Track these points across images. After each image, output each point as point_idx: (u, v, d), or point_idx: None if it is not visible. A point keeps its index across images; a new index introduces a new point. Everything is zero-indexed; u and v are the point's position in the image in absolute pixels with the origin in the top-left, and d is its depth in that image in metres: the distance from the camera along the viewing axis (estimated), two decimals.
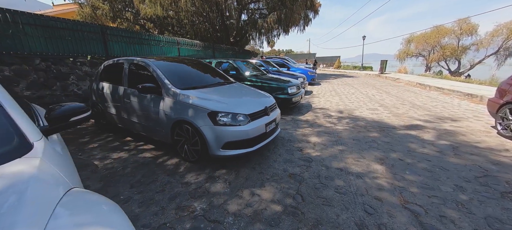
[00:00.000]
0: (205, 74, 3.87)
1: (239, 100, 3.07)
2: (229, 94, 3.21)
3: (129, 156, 3.16)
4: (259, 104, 3.03)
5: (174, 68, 3.51)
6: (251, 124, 2.73)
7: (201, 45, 13.39)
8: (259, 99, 3.28)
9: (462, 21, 26.06)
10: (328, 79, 15.13)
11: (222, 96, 3.03)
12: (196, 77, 3.60)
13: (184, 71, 3.59)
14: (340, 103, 6.80)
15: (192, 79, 3.47)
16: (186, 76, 3.47)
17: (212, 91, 3.16)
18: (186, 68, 3.76)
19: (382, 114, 5.33)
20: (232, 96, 3.16)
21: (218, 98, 2.89)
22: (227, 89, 3.45)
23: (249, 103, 3.01)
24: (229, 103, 2.82)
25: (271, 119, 3.08)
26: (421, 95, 7.98)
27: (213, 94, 3.05)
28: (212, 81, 3.64)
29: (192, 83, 3.26)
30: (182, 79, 3.32)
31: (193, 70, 3.83)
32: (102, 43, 7.44)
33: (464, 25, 26.00)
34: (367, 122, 4.69)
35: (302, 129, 4.26)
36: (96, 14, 16.91)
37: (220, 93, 3.15)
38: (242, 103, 2.96)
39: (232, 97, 3.11)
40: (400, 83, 12.13)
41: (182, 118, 2.74)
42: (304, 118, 5.07)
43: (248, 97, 3.29)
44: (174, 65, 3.63)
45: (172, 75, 3.26)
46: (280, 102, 5.24)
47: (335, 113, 5.50)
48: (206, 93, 3.03)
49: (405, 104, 6.40)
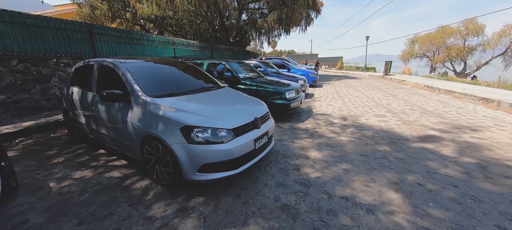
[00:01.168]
0: (189, 78, 3.37)
1: (223, 110, 2.55)
2: (212, 103, 2.70)
3: (93, 175, 2.66)
4: (247, 115, 2.52)
5: (150, 72, 3.01)
6: (236, 141, 2.22)
7: (198, 45, 12.92)
8: (248, 109, 2.76)
9: (469, 21, 25.39)
10: (330, 81, 14.57)
11: (203, 106, 2.52)
12: (177, 82, 3.10)
13: (163, 75, 3.09)
14: (343, 108, 6.26)
15: (172, 84, 2.97)
16: (164, 81, 2.96)
17: (193, 99, 2.65)
18: (167, 71, 3.25)
19: (391, 122, 4.78)
20: (216, 105, 2.64)
21: (197, 109, 2.38)
22: (212, 96, 2.94)
23: (235, 114, 2.49)
24: (210, 115, 2.30)
25: (262, 133, 2.56)
26: (431, 99, 7.40)
27: (192, 103, 2.54)
28: (196, 86, 3.13)
29: (170, 89, 2.75)
30: (159, 85, 2.82)
31: (176, 73, 3.32)
32: (89, 43, 6.98)
33: (470, 25, 25.33)
34: (375, 131, 4.15)
35: (300, 140, 3.74)
36: (95, 14, 16.61)
37: (202, 102, 2.64)
38: (226, 114, 2.44)
39: (216, 107, 2.59)
40: (407, 86, 11.53)
41: (151, 132, 2.23)
42: (303, 126, 4.54)
43: (235, 106, 2.77)
44: (152, 68, 3.13)
45: (147, 80, 2.77)
46: (277, 108, 4.73)
47: (338, 120, 4.96)
48: (185, 101, 2.53)
49: (415, 110, 5.83)
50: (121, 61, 2.93)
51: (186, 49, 11.88)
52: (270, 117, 3.03)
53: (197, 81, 3.34)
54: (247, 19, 18.69)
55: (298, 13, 16.03)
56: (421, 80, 12.53)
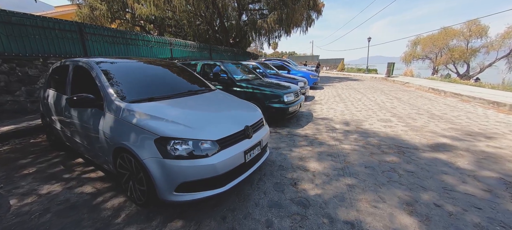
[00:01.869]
0: (177, 80, 3.05)
1: (209, 117, 2.22)
2: (197, 108, 2.38)
3: (62, 190, 2.34)
4: (236, 123, 2.19)
5: (132, 73, 2.70)
6: (221, 154, 1.89)
7: (196, 46, 12.64)
8: (238, 115, 2.44)
9: (472, 22, 25.06)
10: (331, 83, 14.24)
11: (186, 112, 2.19)
12: (162, 85, 2.78)
13: (146, 77, 2.77)
14: (345, 111, 5.92)
15: (155, 87, 2.65)
16: (146, 84, 2.65)
17: (176, 104, 2.33)
18: (151, 72, 2.93)
19: (397, 127, 4.43)
20: (201, 111, 2.32)
21: (178, 116, 2.05)
22: (199, 100, 2.61)
23: (223, 122, 2.16)
24: (192, 123, 1.98)
25: (254, 143, 2.23)
26: (438, 103, 7.05)
27: (174, 108, 2.22)
28: (182, 89, 2.80)
29: (151, 93, 2.43)
30: (139, 88, 2.50)
31: (161, 75, 3.01)
32: (79, 43, 6.69)
33: (473, 27, 25.00)
34: (381, 138, 3.81)
35: (299, 148, 3.40)
36: (94, 15, 16.43)
37: (185, 107, 2.32)
38: (211, 122, 2.12)
39: (201, 113, 2.27)
40: (411, 88, 11.17)
41: (122, 144, 1.91)
42: (303, 132, 4.21)
43: (224, 112, 2.44)
44: (135, 69, 2.81)
45: (125, 82, 2.46)
46: (275, 112, 4.40)
47: (340, 125, 4.63)
48: (165, 107, 2.21)
49: (422, 115, 5.49)
50: (97, 60, 2.62)
51: (184, 50, 11.60)
52: (265, 124, 2.70)
53: (185, 83, 3.02)
54: (246, 19, 18.44)
55: (298, 14, 15.74)
56: (425, 82, 12.16)
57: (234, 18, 18.71)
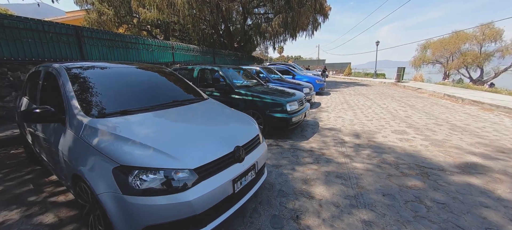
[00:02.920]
0: (163, 89, 2.67)
1: (191, 136, 1.80)
2: (179, 124, 1.97)
3: (20, 219, 1.97)
4: (224, 143, 1.77)
5: (107, 80, 2.33)
6: (201, 187, 1.47)
7: (199, 50, 12.40)
8: (228, 132, 2.02)
9: (485, 26, 24.14)
10: (338, 88, 13.69)
11: (162, 130, 1.79)
12: (143, 94, 2.39)
13: (123, 85, 2.39)
14: (355, 121, 5.42)
15: (133, 97, 2.26)
16: (122, 93, 2.26)
17: (152, 119, 1.93)
18: (134, 79, 2.55)
19: (416, 141, 3.92)
20: (182, 129, 1.90)
21: (151, 135, 1.65)
22: (183, 113, 2.21)
23: (207, 143, 1.74)
24: (166, 145, 1.57)
25: (246, 168, 1.81)
26: (456, 111, 6.45)
27: (149, 125, 1.82)
28: (166, 99, 2.41)
29: (127, 105, 2.04)
30: (112, 98, 2.12)
31: (146, 82, 2.62)
32: (76, 47, 6.48)
33: (487, 30, 24.07)
34: (398, 155, 3.31)
35: (303, 167, 2.95)
36: (102, 20, 16.61)
37: (164, 122, 1.92)
38: (192, 142, 1.70)
39: (180, 131, 1.85)
40: (424, 94, 10.52)
41: (77, 171, 1.52)
42: (307, 145, 3.75)
43: (211, 129, 2.01)
44: (112, 75, 2.44)
45: (97, 92, 2.09)
46: (276, 123, 3.97)
47: (350, 138, 4.14)
48: (138, 123, 1.81)
49: (441, 126, 4.93)
50: (69, 66, 2.27)
51: (186, 54, 11.36)
52: (262, 141, 2.27)
53: (171, 92, 2.64)
54: (251, 23, 18.19)
55: (304, 17, 15.35)
56: (439, 88, 11.47)
57: (239, 22, 18.51)
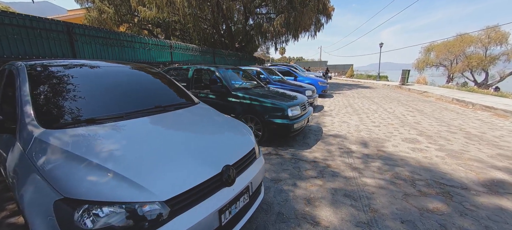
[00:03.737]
0: (146, 92, 2.31)
1: (168, 153, 1.43)
2: (155, 137, 1.60)
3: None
4: (209, 162, 1.42)
5: (76, 82, 1.98)
6: (176, 223, 1.13)
7: (199, 49, 12.08)
8: (216, 146, 1.65)
9: (491, 29, 23.77)
10: (341, 90, 13.31)
11: (134, 145, 1.43)
12: (119, 98, 2.02)
13: (98, 87, 2.03)
14: (361, 126, 5.05)
15: (107, 102, 1.91)
16: (94, 97, 1.91)
17: (124, 131, 1.57)
18: (109, 80, 2.19)
19: (430, 152, 3.55)
20: (159, 143, 1.53)
21: (116, 153, 1.30)
22: (165, 122, 1.85)
23: (187, 163, 1.38)
24: (133, 167, 1.22)
25: (238, 191, 1.47)
26: (469, 118, 6.06)
27: (117, 139, 1.46)
28: (147, 104, 2.04)
29: (97, 111, 1.70)
30: (81, 103, 1.77)
31: (124, 84, 2.25)
32: (68, 44, 6.17)
33: (492, 33, 23.70)
34: (413, 169, 2.95)
35: (306, 182, 2.59)
36: (102, 18, 16.43)
37: (137, 135, 1.55)
38: (168, 163, 1.34)
39: (156, 146, 1.48)
40: (430, 98, 10.13)
41: (17, 199, 1.18)
42: (310, 155, 3.39)
43: (195, 143, 1.63)
44: (83, 76, 2.07)
45: (63, 96, 1.75)
46: (276, 129, 3.61)
47: (357, 146, 3.78)
48: (105, 135, 1.46)
49: (455, 134, 4.55)
50: (32, 63, 1.94)
51: (185, 54, 11.04)
52: (258, 155, 1.92)
53: (155, 96, 2.29)
54: (253, 23, 17.87)
55: (307, 18, 15.00)
56: (446, 92, 11.06)
57: (241, 22, 18.21)
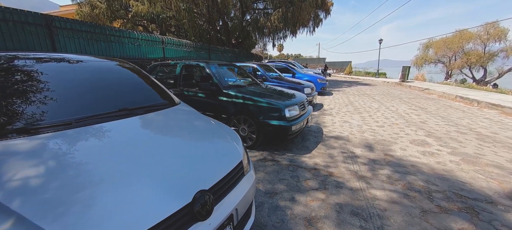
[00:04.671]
0: (111, 90, 1.90)
1: (113, 180, 1.02)
2: (102, 156, 1.19)
3: None
4: (175, 192, 1.02)
5: (20, 77, 1.57)
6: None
7: (193, 45, 11.61)
8: (187, 166, 1.22)
9: (490, 25, 23.58)
10: (340, 88, 12.96)
11: (69, 167, 1.04)
12: (74, 99, 1.61)
13: (45, 85, 1.60)
14: (364, 127, 4.70)
15: (55, 103, 1.50)
16: (41, 97, 1.50)
17: (63, 144, 1.17)
18: (63, 76, 1.75)
19: (443, 156, 3.20)
20: (105, 164, 1.12)
21: (31, 183, 0.90)
22: (126, 130, 1.42)
23: (138, 194, 0.97)
24: (53, 205, 0.83)
25: (217, 225, 1.08)
26: (476, 116, 5.74)
27: (46, 158, 1.06)
28: (111, 106, 1.63)
29: (36, 116, 1.31)
30: (16, 106, 1.37)
31: (84, 82, 1.82)
32: (47, 38, 5.70)
33: (491, 29, 23.53)
34: (427, 177, 2.59)
35: (306, 196, 2.23)
36: (94, 14, 15.86)
37: (78, 153, 1.15)
38: (110, 195, 0.95)
39: (100, 169, 1.07)
40: (432, 95, 9.82)
41: None
42: (310, 161, 3.02)
43: (160, 159, 1.20)
44: (29, 71, 1.67)
45: (7, 96, 1.34)
46: (272, 132, 3.23)
47: (361, 150, 3.42)
48: (33, 151, 1.06)
49: (465, 134, 4.22)
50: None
51: (178, 50, 10.58)
52: (248, 170, 1.54)
53: (123, 96, 1.88)
54: (249, 19, 17.39)
55: (305, 13, 14.57)
56: (448, 89, 10.75)
57: (237, 18, 17.72)
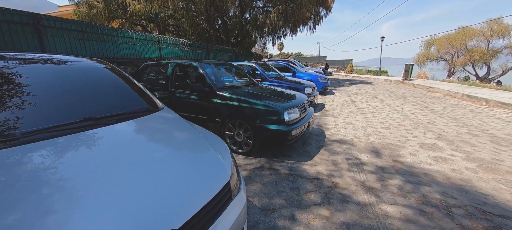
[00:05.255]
0: (75, 95, 1.61)
1: (60, 224, 0.78)
2: (51, 184, 0.92)
3: None
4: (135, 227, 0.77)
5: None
6: None
7: (190, 45, 11.33)
8: (156, 195, 0.95)
9: (494, 22, 23.19)
10: (342, 86, 12.65)
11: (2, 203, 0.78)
12: (30, 106, 1.35)
13: (17, 90, 1.36)
14: (368, 129, 4.42)
15: (5, 112, 1.25)
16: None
17: (4, 168, 0.92)
18: (19, 79, 1.51)
19: (457, 162, 2.92)
20: (54, 197, 0.85)
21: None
22: (86, 145, 1.17)
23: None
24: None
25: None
26: (487, 116, 5.44)
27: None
28: (72, 116, 1.36)
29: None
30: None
31: (43, 84, 1.54)
32: (35, 38, 5.44)
33: (495, 26, 23.12)
34: (443, 189, 2.31)
35: (308, 213, 1.95)
36: (92, 14, 15.67)
37: (21, 180, 0.90)
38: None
39: (47, 205, 0.80)
40: (437, 94, 9.51)
41: None
42: (312, 169, 2.75)
43: (121, 188, 0.94)
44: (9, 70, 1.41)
45: None
46: (270, 137, 2.96)
47: (367, 156, 3.14)
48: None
49: (478, 137, 3.93)
50: None
51: (175, 49, 10.30)
52: (236, 193, 1.27)
53: (93, 102, 1.61)
54: (249, 17, 17.09)
55: (306, 10, 14.24)
56: (454, 87, 10.43)
57: (236, 17, 17.42)
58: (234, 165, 1.42)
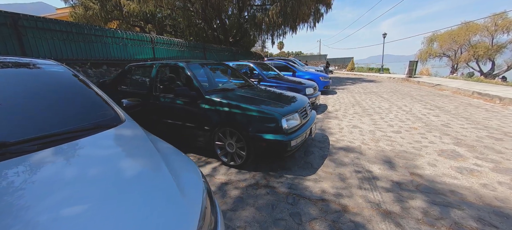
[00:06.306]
0: (9, 108, 1.23)
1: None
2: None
3: None
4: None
5: None
6: None
7: (186, 44, 10.91)
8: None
9: (498, 16, 22.64)
10: (344, 85, 12.19)
11: None
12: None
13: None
14: (377, 133, 3.98)
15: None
16: None
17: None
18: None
19: (486, 174, 2.48)
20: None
21: None
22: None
23: None
24: None
25: None
26: (504, 116, 4.98)
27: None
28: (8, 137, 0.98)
29: None
30: None
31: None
32: (14, 39, 5.05)
33: (499, 20, 22.58)
34: (477, 212, 1.88)
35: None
36: (88, 15, 15.38)
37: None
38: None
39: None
40: (445, 92, 9.04)
41: None
42: (316, 187, 2.32)
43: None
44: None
45: None
46: (266, 148, 2.54)
47: (379, 168, 2.71)
48: None
49: (502, 141, 3.48)
50: None
51: (170, 49, 9.89)
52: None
53: (27, 118, 1.20)
54: (247, 15, 16.66)
55: (305, 7, 13.78)
56: (462, 84, 9.94)
57: (234, 16, 17.00)
58: (207, 204, 1.00)
